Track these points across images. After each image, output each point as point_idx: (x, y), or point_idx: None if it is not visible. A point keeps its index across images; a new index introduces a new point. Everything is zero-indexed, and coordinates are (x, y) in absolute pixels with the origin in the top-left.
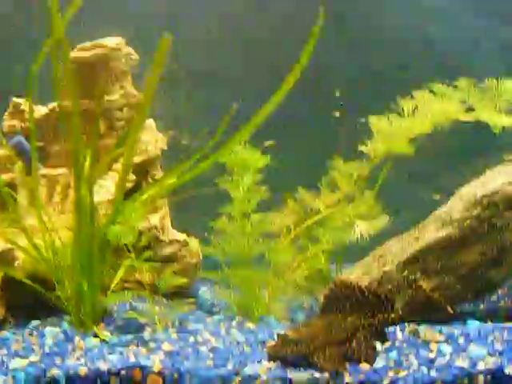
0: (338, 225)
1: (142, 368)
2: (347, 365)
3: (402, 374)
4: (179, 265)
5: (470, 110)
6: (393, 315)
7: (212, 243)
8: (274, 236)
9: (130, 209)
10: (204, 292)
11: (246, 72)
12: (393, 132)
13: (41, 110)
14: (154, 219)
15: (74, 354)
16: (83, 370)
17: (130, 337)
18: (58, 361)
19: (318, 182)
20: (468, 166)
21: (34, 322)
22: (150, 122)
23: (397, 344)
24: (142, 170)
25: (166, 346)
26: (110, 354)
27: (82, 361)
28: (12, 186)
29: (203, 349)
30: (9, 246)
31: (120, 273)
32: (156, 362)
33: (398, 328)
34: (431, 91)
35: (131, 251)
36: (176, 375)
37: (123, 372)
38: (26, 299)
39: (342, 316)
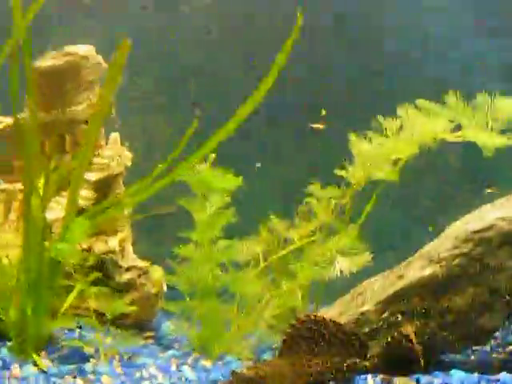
0: (317, 259)
1: None
2: None
3: None
4: (138, 293)
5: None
6: (366, 363)
7: (176, 272)
8: (243, 266)
9: (79, 227)
10: (167, 326)
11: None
12: (374, 154)
13: (3, 122)
14: (113, 242)
15: (7, 383)
16: None
17: (71, 367)
18: None
19: (294, 208)
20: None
21: None
22: (115, 135)
23: None
24: (104, 188)
25: (106, 380)
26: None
27: None
28: None
29: None
30: None
31: (70, 298)
32: None
33: (369, 374)
34: (416, 107)
35: (80, 273)
36: None
37: None
38: None
39: (305, 357)
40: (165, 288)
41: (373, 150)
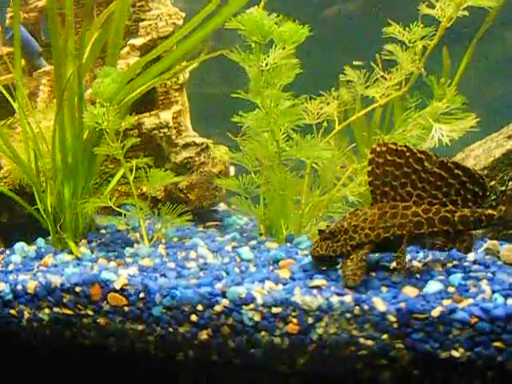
0: (410, 127)
1: (102, 284)
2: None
3: (465, 303)
4: (196, 174)
5: None
6: (491, 211)
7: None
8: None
9: (110, 78)
10: (236, 215)
11: None
12: None
13: None
14: (165, 115)
15: (35, 270)
16: (32, 286)
17: (110, 254)
18: (11, 277)
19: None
20: None
21: (21, 243)
22: None
23: (465, 264)
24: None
25: (144, 261)
26: (73, 268)
27: (37, 276)
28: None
29: (191, 265)
30: None
31: (113, 181)
32: (121, 277)
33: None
34: None
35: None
36: (143, 294)
37: (78, 288)
38: (17, 218)
39: (401, 205)
40: (232, 170)
41: None
